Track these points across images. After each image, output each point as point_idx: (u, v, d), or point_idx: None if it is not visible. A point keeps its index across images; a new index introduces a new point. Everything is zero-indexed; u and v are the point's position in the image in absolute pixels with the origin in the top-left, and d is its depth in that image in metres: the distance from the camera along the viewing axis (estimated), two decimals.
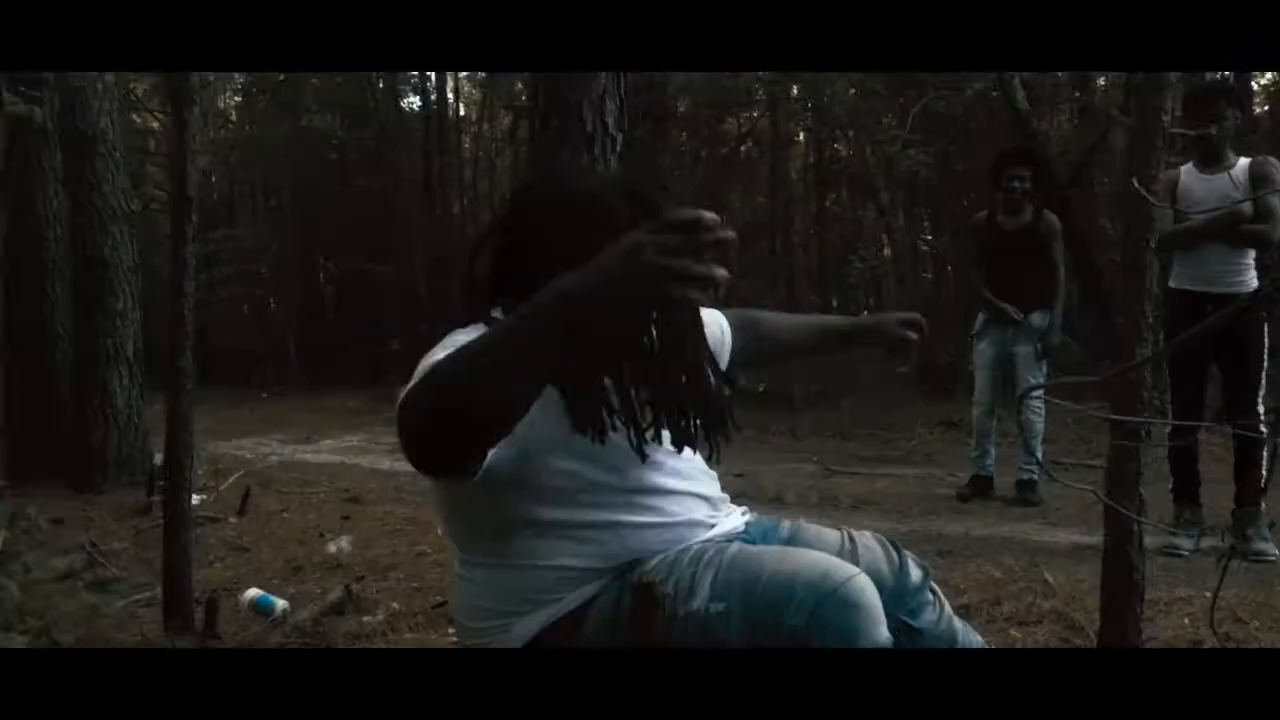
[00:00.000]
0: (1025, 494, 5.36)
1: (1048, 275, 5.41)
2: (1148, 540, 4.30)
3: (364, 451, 8.17)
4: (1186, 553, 4.10)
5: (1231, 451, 4.32)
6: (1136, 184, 1.75)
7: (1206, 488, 4.30)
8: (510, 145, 20.30)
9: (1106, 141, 9.14)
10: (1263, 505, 4.08)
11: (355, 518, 5.09)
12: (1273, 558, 3.93)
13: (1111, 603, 1.89)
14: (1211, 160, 4.10)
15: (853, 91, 9.48)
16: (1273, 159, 4.03)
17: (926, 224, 12.77)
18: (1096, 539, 2.57)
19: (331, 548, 4.23)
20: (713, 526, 1.62)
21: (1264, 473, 4.10)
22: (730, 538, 1.62)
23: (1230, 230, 3.98)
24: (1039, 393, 5.22)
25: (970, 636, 1.73)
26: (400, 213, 15.54)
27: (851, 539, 1.69)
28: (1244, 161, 4.08)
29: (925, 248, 12.92)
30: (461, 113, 18.41)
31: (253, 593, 3.27)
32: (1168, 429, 4.37)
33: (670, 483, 1.59)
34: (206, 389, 6.90)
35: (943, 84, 8.62)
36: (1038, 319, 5.39)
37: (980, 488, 5.56)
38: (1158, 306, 4.41)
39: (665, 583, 1.47)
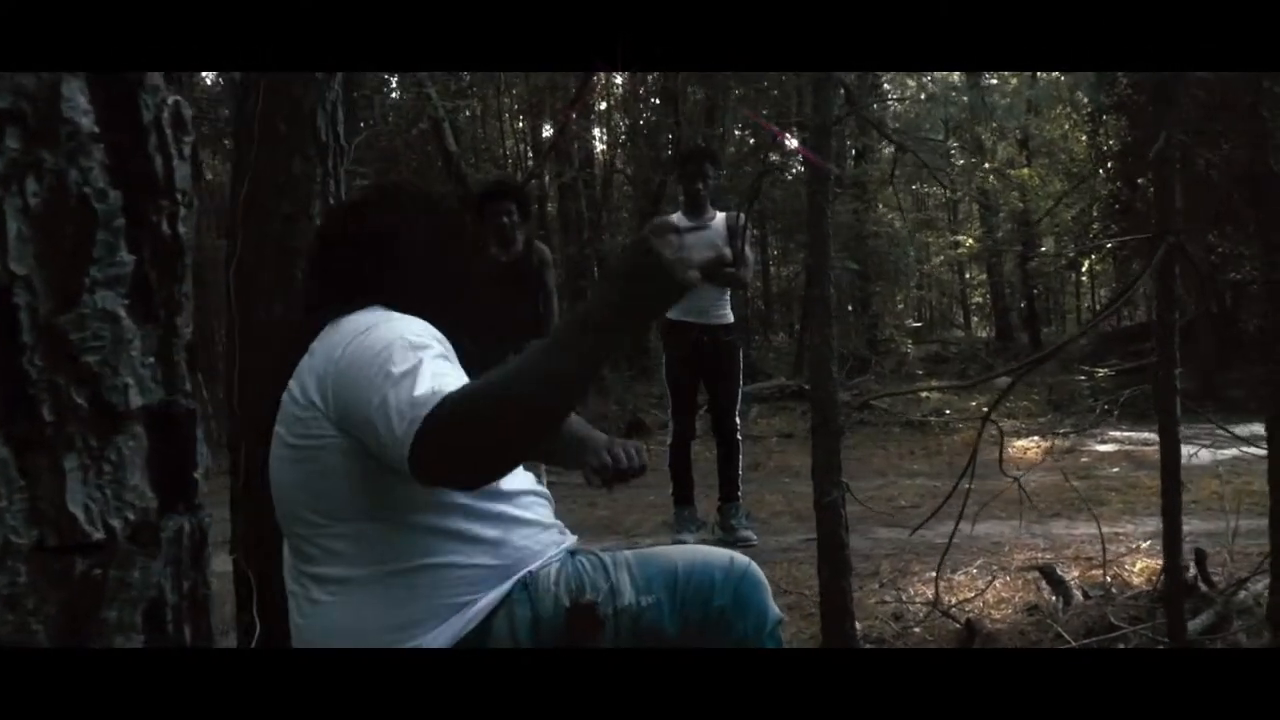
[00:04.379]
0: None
1: (544, 304, 5.69)
2: (653, 540, 5.00)
3: None
4: None
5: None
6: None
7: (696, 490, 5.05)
8: None
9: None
10: (740, 499, 4.92)
11: None
12: (755, 541, 4.74)
13: (830, 578, 2.28)
14: (698, 211, 4.86)
15: None
16: (742, 214, 4.91)
17: None
18: None
19: None
20: (564, 532, 1.70)
21: (739, 472, 4.96)
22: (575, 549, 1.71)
23: (719, 272, 4.74)
24: None
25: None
26: None
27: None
28: (721, 215, 4.90)
29: None
30: None
31: None
32: (668, 442, 5.06)
33: (537, 488, 1.66)
34: None
35: (382, 119, 8.81)
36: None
37: None
38: (659, 334, 5.13)
39: (591, 596, 1.54)
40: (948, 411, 9.59)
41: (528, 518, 1.58)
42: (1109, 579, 3.45)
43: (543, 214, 13.50)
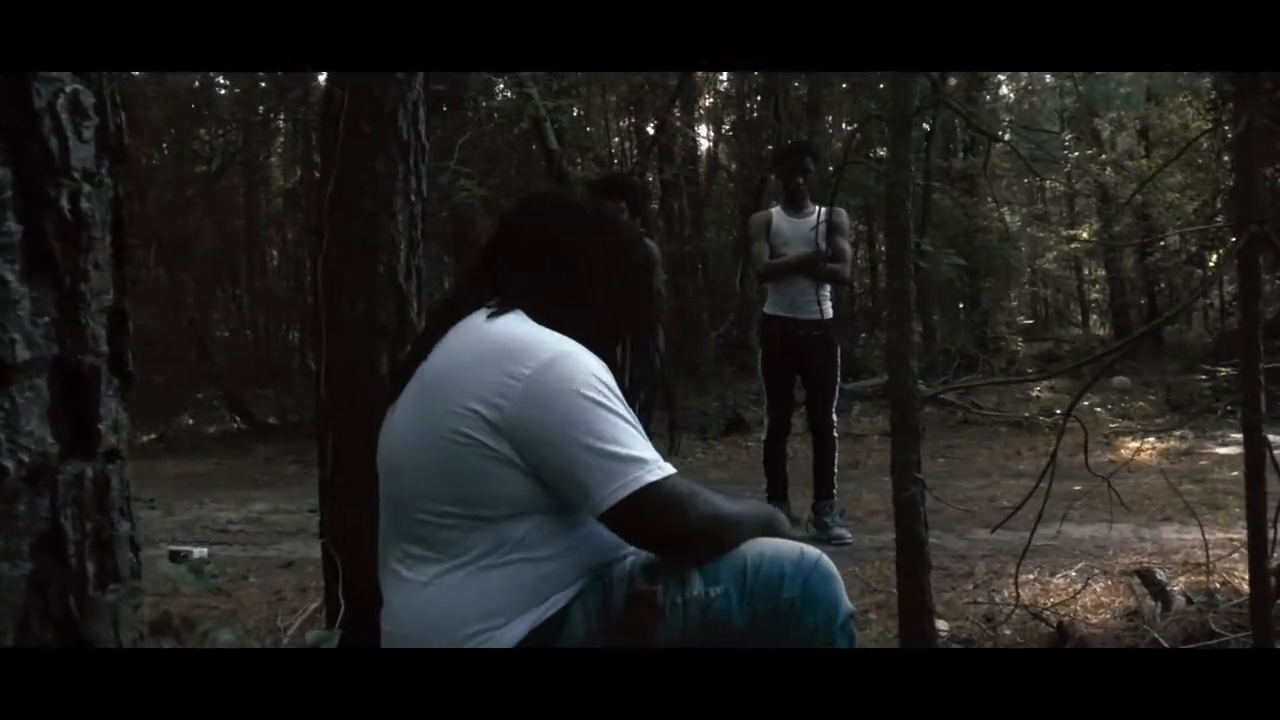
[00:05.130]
0: None
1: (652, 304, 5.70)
2: None
3: None
4: None
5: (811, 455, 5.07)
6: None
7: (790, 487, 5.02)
8: None
9: None
10: (835, 497, 4.87)
11: None
12: (849, 540, 4.69)
13: (908, 575, 2.24)
14: (797, 206, 4.82)
15: None
16: (842, 210, 4.85)
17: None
18: None
19: None
20: None
21: (835, 470, 4.90)
22: None
23: (814, 267, 4.70)
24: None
25: None
26: None
27: None
28: (821, 210, 4.85)
29: None
30: None
31: None
32: (763, 438, 5.03)
33: None
34: None
35: (487, 119, 8.97)
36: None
37: None
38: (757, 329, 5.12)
39: (655, 585, 1.56)
40: (1057, 411, 9.30)
41: None
42: (1217, 585, 3.31)
43: (645, 211, 13.58)
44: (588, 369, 1.49)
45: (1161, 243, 14.46)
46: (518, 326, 1.54)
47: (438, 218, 9.50)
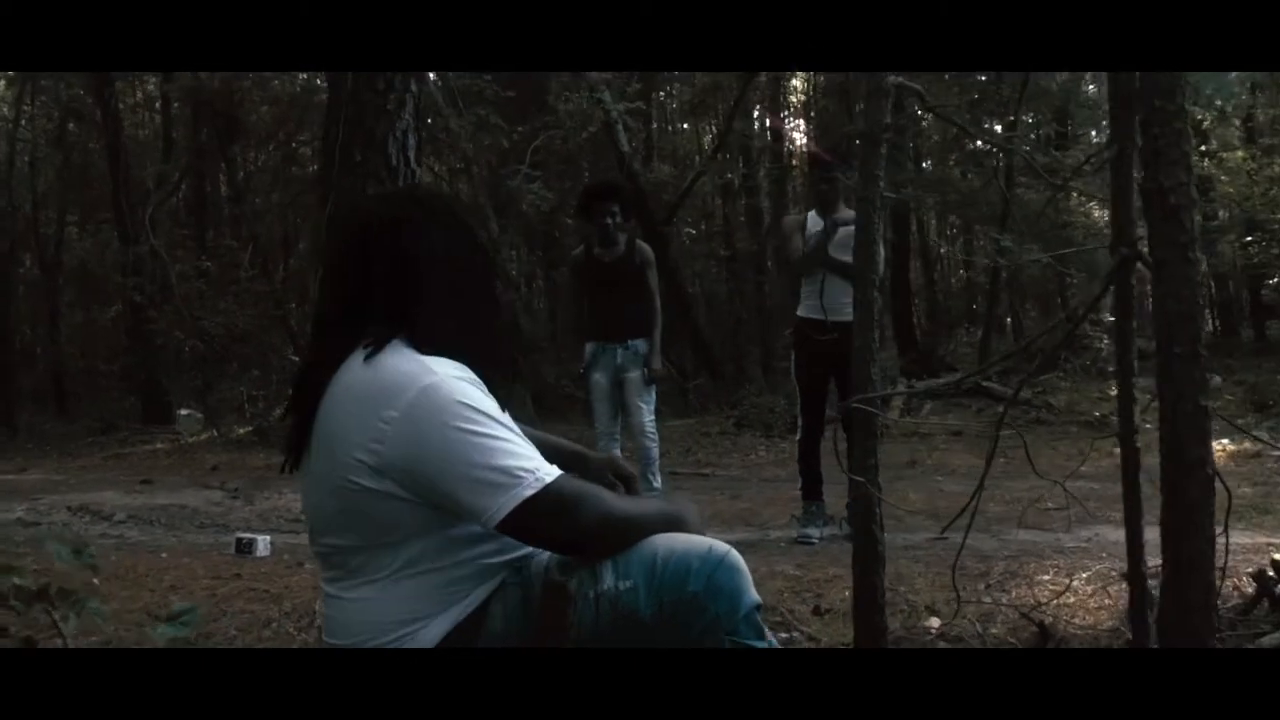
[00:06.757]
0: None
1: (646, 303, 5.48)
2: (782, 534, 5.08)
3: None
4: (816, 541, 4.85)
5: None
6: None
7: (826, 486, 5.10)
8: (59, 150, 18.33)
9: (693, 188, 10.16)
10: None
11: None
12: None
13: (862, 575, 2.35)
14: (830, 208, 4.91)
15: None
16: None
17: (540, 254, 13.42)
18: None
19: None
20: None
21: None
22: None
23: (846, 268, 4.77)
24: (652, 419, 5.60)
25: None
26: None
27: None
28: (852, 212, 4.93)
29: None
30: None
31: None
32: (797, 437, 5.13)
33: None
34: None
35: (556, 125, 9.19)
36: (643, 345, 5.40)
37: None
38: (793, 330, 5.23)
39: (571, 577, 1.69)
40: (1139, 411, 9.07)
41: None
42: (1231, 587, 3.31)
43: (726, 211, 13.66)
44: (450, 396, 1.56)
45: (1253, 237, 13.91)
46: (386, 363, 1.59)
47: (511, 216, 9.82)
